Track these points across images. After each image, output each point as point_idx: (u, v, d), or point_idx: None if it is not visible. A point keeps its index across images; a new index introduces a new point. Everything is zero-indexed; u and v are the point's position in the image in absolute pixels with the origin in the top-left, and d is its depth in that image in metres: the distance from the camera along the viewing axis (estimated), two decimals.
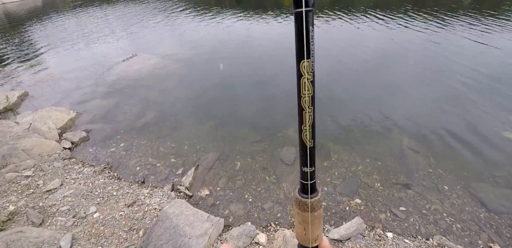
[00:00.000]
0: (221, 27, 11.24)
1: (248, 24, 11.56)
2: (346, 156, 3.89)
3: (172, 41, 9.96)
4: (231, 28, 11.04)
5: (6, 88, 7.04)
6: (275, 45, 8.69)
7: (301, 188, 0.60)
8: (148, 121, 5.06)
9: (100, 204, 3.00)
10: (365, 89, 5.71)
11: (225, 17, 13.09)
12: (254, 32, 10.21)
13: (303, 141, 0.64)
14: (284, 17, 12.21)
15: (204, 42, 9.50)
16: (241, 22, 11.98)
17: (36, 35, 12.71)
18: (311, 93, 0.59)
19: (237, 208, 3.18)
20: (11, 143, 3.90)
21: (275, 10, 14.48)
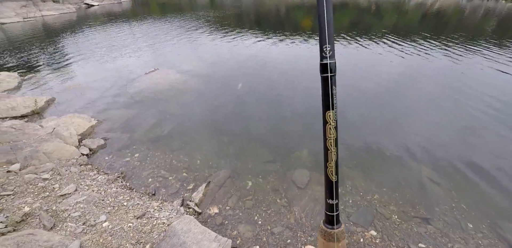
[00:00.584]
0: (240, 47, 11.75)
1: (265, 44, 12.05)
2: (361, 183, 3.78)
3: (192, 58, 10.43)
4: (249, 48, 11.53)
5: (36, 93, 7.44)
6: (291, 65, 8.96)
7: (326, 219, 0.62)
8: (164, 134, 5.16)
9: (110, 213, 2.99)
10: (381, 115, 5.70)
11: (244, 37, 13.74)
12: (271, 52, 10.62)
13: (328, 177, 0.69)
14: (301, 39, 12.68)
15: (222, 60, 9.91)
16: (259, 42, 12.52)
17: (68, 46, 13.66)
18: (335, 137, 0.70)
19: (246, 229, 3.09)
20: (34, 145, 4.04)
21: (292, 32, 15.11)
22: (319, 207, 3.37)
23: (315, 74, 4.89)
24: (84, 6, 32.85)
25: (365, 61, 9.26)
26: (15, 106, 5.85)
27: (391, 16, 22.61)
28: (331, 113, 0.63)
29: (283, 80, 7.75)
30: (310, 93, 6.75)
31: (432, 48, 10.50)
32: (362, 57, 9.69)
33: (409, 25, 17.94)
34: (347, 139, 4.84)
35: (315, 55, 9.92)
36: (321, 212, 3.29)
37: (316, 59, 5.01)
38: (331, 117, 0.63)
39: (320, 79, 0.61)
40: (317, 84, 4.16)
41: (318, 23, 0.71)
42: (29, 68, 9.83)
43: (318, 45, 0.81)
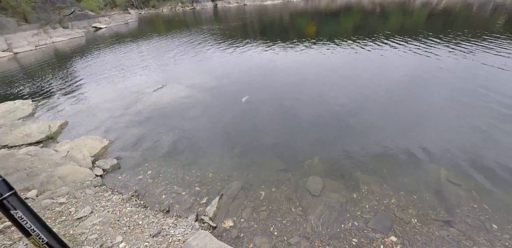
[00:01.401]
0: (245, 57, 11.94)
1: (271, 53, 12.20)
2: (378, 188, 3.68)
3: (198, 72, 10.65)
4: (255, 58, 11.69)
5: (49, 117, 7.73)
6: (298, 74, 8.99)
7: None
8: (175, 149, 5.22)
9: (126, 233, 3.00)
10: (396, 117, 5.60)
11: (249, 47, 13.96)
12: (277, 61, 10.72)
13: None
14: (306, 46, 12.76)
15: (228, 72, 10.06)
16: (264, 51, 12.69)
17: (78, 69, 14.24)
18: None
19: (262, 241, 3.04)
20: (49, 170, 4.16)
21: (297, 39, 15.24)
22: (336, 214, 3.29)
23: (322, 81, 4.94)
24: (92, 29, 34.36)
25: (374, 63, 9.22)
26: (30, 132, 6.08)
27: (396, 17, 22.57)
28: (33, 239, 0.63)
29: (290, 89, 7.78)
30: (318, 100, 6.73)
31: (441, 47, 10.37)
32: (370, 60, 9.65)
33: (416, 25, 17.85)
34: (361, 143, 4.76)
35: (321, 62, 9.97)
36: (337, 219, 3.21)
37: (323, 64, 5.03)
38: (37, 242, 0.63)
39: None
40: (325, 91, 4.20)
41: None
42: (42, 94, 10.27)
43: (323, 51, 0.82)
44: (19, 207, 0.62)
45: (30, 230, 0.63)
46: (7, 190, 0.62)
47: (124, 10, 43.37)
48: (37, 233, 0.63)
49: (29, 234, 0.63)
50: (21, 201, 0.63)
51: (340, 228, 3.07)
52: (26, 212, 0.63)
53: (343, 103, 6.40)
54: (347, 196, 3.62)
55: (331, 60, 10.15)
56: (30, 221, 0.63)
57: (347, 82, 7.81)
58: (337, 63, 9.70)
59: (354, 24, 20.59)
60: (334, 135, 5.18)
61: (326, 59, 10.36)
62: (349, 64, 9.45)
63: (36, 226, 0.63)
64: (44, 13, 28.28)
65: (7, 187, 0.62)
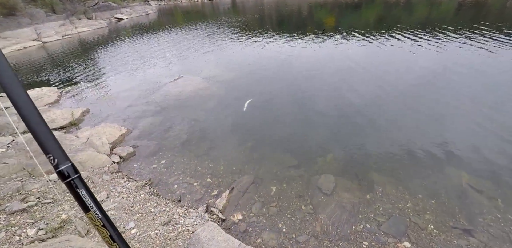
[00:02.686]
0: (263, 50, 11.77)
1: (289, 46, 11.95)
2: (393, 190, 3.54)
3: (215, 64, 10.65)
4: (272, 51, 11.51)
5: (73, 105, 8.06)
6: (315, 67, 8.76)
7: None
8: (189, 140, 5.28)
9: (139, 220, 3.10)
10: (417, 115, 5.33)
11: (266, 40, 13.76)
12: (295, 54, 10.49)
13: None
14: (324, 38, 12.36)
15: (245, 64, 9.98)
16: (282, 45, 12.45)
17: (101, 59, 14.69)
18: (108, 234, 0.76)
19: (270, 237, 3.03)
20: (70, 155, 4.34)
21: (316, 32, 14.81)
22: (347, 215, 3.21)
23: (340, 75, 4.75)
24: (114, 20, 35.20)
25: (396, 58, 8.79)
26: (54, 118, 6.37)
27: (422, 9, 21.32)
28: (91, 214, 0.75)
29: (306, 83, 7.61)
30: (335, 95, 6.54)
31: (470, 42, 9.69)
32: (392, 54, 9.21)
33: (443, 18, 16.78)
34: (378, 142, 4.59)
35: (340, 56, 9.65)
36: (349, 220, 3.13)
37: (341, 58, 4.83)
38: (94, 217, 0.75)
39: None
40: (342, 86, 4.05)
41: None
42: (67, 82, 10.71)
43: (342, 44, 0.75)
44: (82, 187, 0.74)
45: (90, 206, 0.74)
46: (74, 173, 0.74)
47: (145, 2, 43.96)
48: (94, 210, 0.74)
49: (88, 210, 0.74)
50: (83, 183, 0.75)
51: (351, 230, 3.00)
52: (87, 192, 0.74)
53: (361, 99, 6.17)
54: (360, 196, 3.52)
55: (351, 53, 9.78)
56: (90, 199, 0.74)
57: (366, 77, 7.51)
58: (356, 57, 9.34)
59: (376, 16, 19.62)
60: (350, 132, 5.03)
61: (345, 52, 10.00)
62: (369, 58, 9.07)
63: (94, 204, 0.75)
64: (70, 4, 29.21)
65: (74, 170, 0.75)
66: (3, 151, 4.65)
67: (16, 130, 6.07)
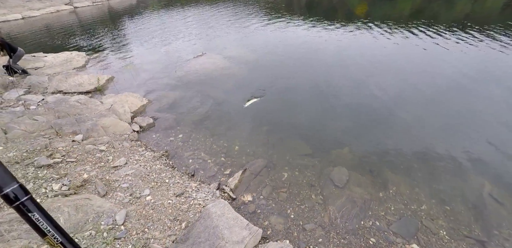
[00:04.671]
0: (288, 35, 11.34)
1: (315, 32, 11.41)
2: (407, 191, 3.46)
3: (238, 44, 10.41)
4: (298, 35, 11.06)
5: (99, 71, 8.24)
6: (340, 56, 8.38)
7: None
8: (207, 118, 5.32)
9: (153, 188, 3.22)
10: (443, 116, 5.05)
11: (293, 24, 13.20)
12: (321, 41, 10.03)
13: None
14: (354, 27, 11.69)
15: (268, 47, 9.69)
16: (308, 29, 11.92)
17: (127, 29, 14.74)
18: None
19: (277, 221, 3.08)
20: (94, 119, 4.51)
21: (344, 19, 14.02)
22: (357, 210, 3.18)
23: (365, 67, 4.48)
24: None
25: (428, 54, 8.22)
26: (81, 82, 6.56)
27: (465, 3, 19.48)
28: (49, 239, 0.67)
29: (329, 72, 7.32)
30: (357, 87, 6.27)
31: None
32: (424, 49, 8.60)
33: (488, 14, 15.31)
34: (398, 140, 4.43)
35: (367, 47, 9.13)
36: (358, 215, 3.12)
37: (369, 49, 4.55)
38: (52, 242, 0.67)
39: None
40: (367, 79, 3.83)
41: None
42: (94, 48, 10.88)
43: (371, 35, 0.66)
44: (35, 210, 0.66)
45: (46, 231, 0.67)
46: (24, 195, 0.65)
47: None
48: (52, 234, 0.67)
49: (44, 235, 0.67)
50: (36, 205, 0.67)
51: (359, 225, 2.99)
52: (41, 215, 0.66)
53: (385, 94, 5.88)
54: (372, 193, 3.47)
55: (379, 45, 9.21)
56: (45, 223, 0.66)
57: (393, 71, 7.10)
58: (385, 49, 8.80)
59: (412, 7, 18.12)
60: (370, 126, 4.86)
61: (373, 44, 9.43)
62: (398, 52, 8.52)
63: (51, 227, 0.67)
64: None
65: (24, 192, 0.66)
66: (34, 109, 4.88)
67: (46, 90, 6.34)
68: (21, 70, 7.33)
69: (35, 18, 20.29)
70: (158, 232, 2.60)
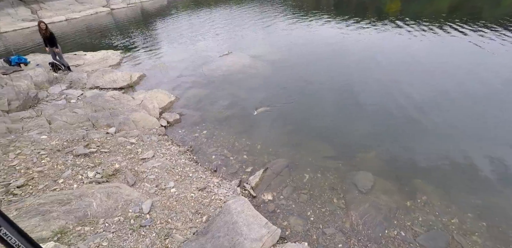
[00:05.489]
0: (315, 32, 11.15)
1: (343, 31, 11.08)
2: (438, 202, 3.25)
3: (264, 42, 10.43)
4: (325, 34, 10.83)
5: (131, 69, 8.71)
6: (369, 57, 8.05)
7: None
8: (231, 115, 5.40)
9: (178, 181, 3.34)
10: (483, 123, 4.66)
11: (320, 22, 12.95)
12: (349, 40, 9.73)
13: None
14: (386, 26, 11.19)
15: (294, 46, 9.60)
16: (336, 28, 11.60)
17: (158, 28, 15.43)
18: None
19: (297, 223, 3.05)
20: (126, 113, 4.78)
21: (375, 17, 13.46)
22: (381, 217, 3.05)
23: (396, 68, 4.25)
24: None
25: (468, 55, 7.64)
26: (116, 79, 6.97)
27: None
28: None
29: (358, 74, 7.07)
30: (387, 89, 6.00)
31: None
32: (464, 50, 8.00)
33: None
34: (430, 146, 4.18)
35: (399, 46, 8.70)
36: (382, 224, 2.99)
37: (401, 50, 4.31)
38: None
39: None
40: (397, 80, 3.63)
41: None
42: (128, 47, 11.52)
43: (403, 35, 0.61)
44: (3, 224, 0.61)
45: (15, 246, 0.62)
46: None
47: None
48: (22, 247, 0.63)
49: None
50: (4, 218, 0.62)
51: (383, 234, 2.86)
52: (10, 228, 0.62)
53: (418, 97, 5.55)
54: (399, 201, 3.30)
55: (412, 45, 8.69)
56: (14, 237, 0.62)
57: (428, 72, 6.66)
58: (418, 49, 8.27)
59: (451, 4, 16.80)
60: (399, 131, 4.63)
61: (406, 43, 8.93)
62: (433, 53, 7.96)
63: (21, 241, 0.63)
64: None
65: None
66: (74, 102, 5.29)
67: (85, 85, 6.83)
68: (66, 66, 7.97)
69: (76, 19, 21.93)
70: (180, 223, 2.70)
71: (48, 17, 20.64)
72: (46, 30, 7.16)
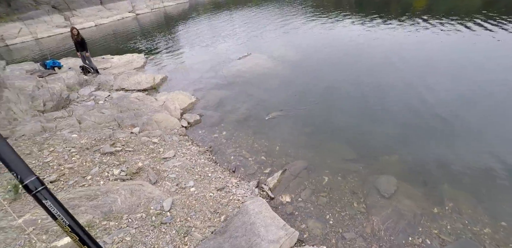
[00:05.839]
0: (335, 33, 10.91)
1: (365, 30, 10.72)
2: (468, 209, 3.05)
3: (284, 43, 10.37)
4: (346, 34, 10.54)
5: (154, 71, 9.04)
6: (394, 57, 7.72)
7: None
8: (250, 116, 5.43)
9: (197, 180, 3.41)
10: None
11: (341, 21, 12.66)
12: (371, 40, 9.40)
13: None
14: (412, 23, 10.69)
15: (314, 46, 9.45)
16: (358, 28, 11.25)
17: (179, 32, 15.90)
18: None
19: (315, 226, 3.00)
20: (149, 114, 4.97)
21: (400, 14, 12.91)
22: (405, 224, 2.92)
23: (423, 67, 4.07)
24: None
25: (504, 54, 7.11)
26: (140, 81, 7.28)
27: None
28: (59, 221, 0.78)
29: (381, 74, 6.82)
30: (413, 90, 5.73)
31: None
32: (499, 48, 7.46)
33: None
34: (459, 150, 3.94)
35: (427, 45, 8.28)
36: (405, 230, 2.86)
37: (428, 48, 4.12)
38: (61, 224, 0.78)
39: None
40: (424, 80, 3.47)
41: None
42: (151, 51, 11.98)
43: (431, 33, 0.57)
44: (48, 198, 0.78)
45: (57, 215, 0.78)
46: (40, 185, 0.77)
47: None
48: (61, 217, 0.78)
49: (55, 218, 0.78)
50: (50, 194, 0.79)
51: (407, 241, 2.74)
52: (53, 202, 0.78)
53: (446, 98, 5.23)
54: (424, 207, 3.15)
55: (441, 43, 8.18)
56: (56, 208, 0.78)
57: (458, 73, 6.24)
58: (448, 48, 7.76)
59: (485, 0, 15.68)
60: (425, 133, 4.40)
61: (434, 41, 8.44)
62: (465, 50, 7.46)
63: (61, 212, 0.79)
64: None
65: (40, 182, 0.78)
66: (102, 103, 5.58)
67: (112, 87, 7.19)
68: (94, 69, 8.46)
69: (104, 25, 23.21)
70: (199, 222, 2.75)
71: (79, 23, 22.02)
72: (78, 35, 7.64)
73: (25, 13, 20.48)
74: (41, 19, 21.23)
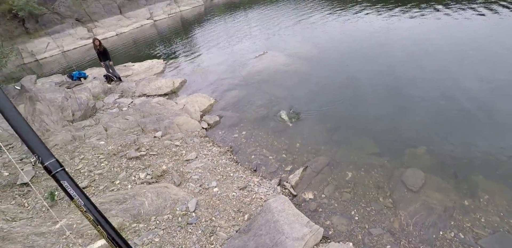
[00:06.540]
0: (354, 25, 10.49)
1: (386, 21, 10.19)
2: (504, 201, 2.85)
3: (300, 40, 10.18)
4: (365, 26, 10.11)
5: (174, 75, 9.33)
6: (419, 46, 7.27)
7: None
8: (269, 115, 5.43)
9: (220, 181, 3.51)
10: None
11: (360, 13, 12.11)
12: (393, 30, 8.93)
13: None
14: (437, 10, 9.97)
15: (332, 42, 9.17)
16: (378, 18, 10.71)
17: (197, 35, 16.18)
18: (91, 218, 0.86)
19: (340, 222, 2.96)
20: (171, 118, 5.16)
21: (425, 1, 12.06)
22: (435, 217, 2.80)
23: (452, 57, 3.85)
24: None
25: None
26: (160, 86, 7.55)
27: None
28: (75, 201, 0.85)
29: (405, 63, 6.47)
30: (441, 80, 5.38)
31: None
32: None
33: None
34: (493, 140, 3.67)
35: (455, 33, 7.69)
36: (436, 224, 2.74)
37: (452, 38, 3.87)
38: (77, 204, 0.85)
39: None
40: (453, 70, 3.28)
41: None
42: (170, 55, 12.35)
43: (460, 18, 0.53)
44: (65, 179, 0.86)
45: (73, 195, 0.85)
46: (59, 167, 0.86)
47: None
48: (77, 198, 0.85)
49: (72, 198, 0.86)
50: (67, 175, 0.87)
51: (437, 235, 2.62)
52: (70, 182, 0.86)
53: (478, 88, 4.85)
54: (456, 200, 2.98)
55: (470, 30, 7.48)
56: (73, 189, 0.86)
57: (490, 62, 5.74)
58: (478, 35, 7.06)
59: None
60: (454, 124, 4.13)
61: (462, 29, 7.76)
62: (498, 38, 6.84)
63: (77, 192, 0.86)
64: None
65: (59, 165, 0.86)
66: (126, 110, 5.89)
67: (134, 94, 7.54)
68: (118, 78, 8.91)
69: (124, 33, 24.22)
70: (223, 221, 2.84)
71: (101, 34, 23.18)
72: (100, 45, 8.08)
73: (52, 27, 21.91)
74: (66, 32, 22.61)
